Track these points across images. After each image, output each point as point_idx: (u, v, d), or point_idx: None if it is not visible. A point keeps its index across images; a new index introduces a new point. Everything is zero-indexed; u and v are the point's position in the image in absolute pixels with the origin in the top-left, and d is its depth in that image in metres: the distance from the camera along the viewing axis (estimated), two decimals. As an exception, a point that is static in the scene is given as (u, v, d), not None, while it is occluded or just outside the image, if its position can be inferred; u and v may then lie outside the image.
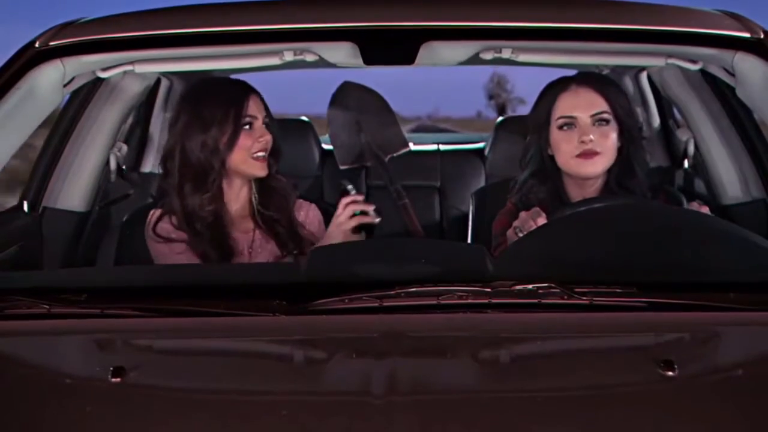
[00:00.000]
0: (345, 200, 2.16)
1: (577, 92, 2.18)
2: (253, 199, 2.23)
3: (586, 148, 2.13)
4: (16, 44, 2.01)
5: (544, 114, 2.22)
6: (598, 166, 2.16)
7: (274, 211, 2.22)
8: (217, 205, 2.17)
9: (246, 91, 2.18)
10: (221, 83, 2.31)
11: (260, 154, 2.15)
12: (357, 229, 2.15)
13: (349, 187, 2.20)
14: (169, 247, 2.16)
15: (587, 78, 2.24)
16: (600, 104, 2.16)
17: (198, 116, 2.14)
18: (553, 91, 2.22)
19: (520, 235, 2.00)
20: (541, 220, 2.00)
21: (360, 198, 2.18)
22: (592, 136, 2.13)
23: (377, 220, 2.17)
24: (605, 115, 2.15)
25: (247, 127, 2.14)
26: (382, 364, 1.36)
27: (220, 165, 2.14)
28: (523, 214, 2.06)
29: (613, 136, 2.16)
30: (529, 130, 2.30)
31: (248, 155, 2.14)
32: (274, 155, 2.22)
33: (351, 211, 2.15)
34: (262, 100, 2.19)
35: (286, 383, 1.34)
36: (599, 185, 2.21)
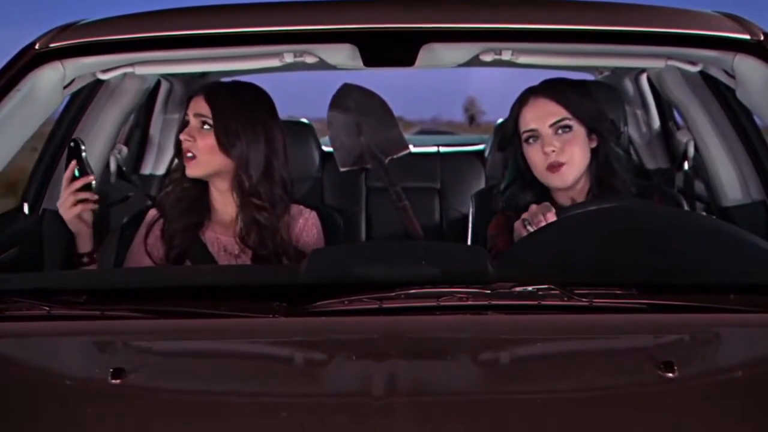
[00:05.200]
0: None
1: (536, 104, 2.20)
2: (238, 221, 2.19)
3: (551, 160, 2.15)
4: (15, 47, 2.02)
5: (512, 128, 2.24)
6: (567, 177, 2.17)
7: (254, 244, 2.16)
8: (191, 185, 2.20)
9: (196, 91, 2.22)
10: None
11: (187, 154, 2.15)
12: None
13: None
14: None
15: (545, 87, 2.23)
16: (558, 112, 2.17)
17: None
18: (517, 105, 2.24)
19: (529, 227, 2.00)
20: (551, 216, 2.00)
21: None
22: (553, 147, 2.14)
23: None
24: (565, 122, 2.16)
25: (185, 126, 2.17)
26: (382, 365, 1.36)
27: None
28: (533, 207, 2.06)
29: (580, 142, 2.17)
30: (504, 142, 2.32)
31: (183, 153, 2.16)
32: (269, 184, 2.17)
33: None
34: (211, 102, 2.15)
35: (285, 385, 1.33)
36: (584, 187, 2.22)
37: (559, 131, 2.16)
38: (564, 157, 2.14)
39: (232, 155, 2.13)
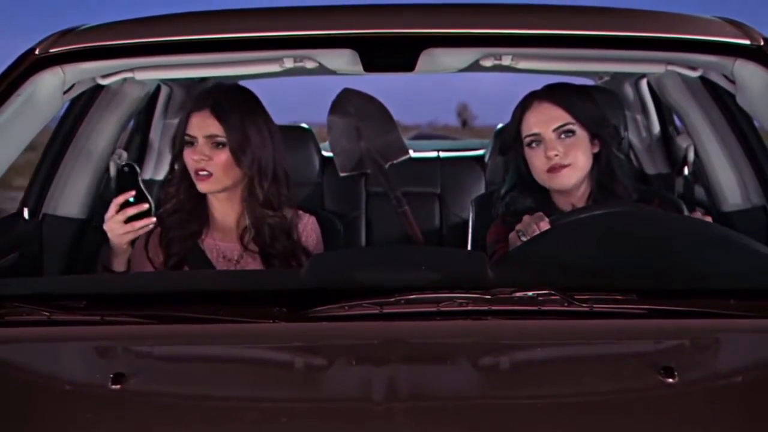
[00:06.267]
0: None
1: (539, 108, 2.20)
2: (247, 225, 2.19)
3: (553, 162, 2.15)
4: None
5: (514, 132, 2.25)
6: (569, 178, 2.17)
7: (265, 244, 2.16)
8: (187, 197, 2.20)
9: (195, 107, 2.17)
10: (200, 93, 2.34)
11: (201, 173, 2.12)
12: None
13: None
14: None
15: (548, 92, 2.23)
16: (561, 117, 2.17)
17: None
18: (519, 109, 2.24)
19: (523, 238, 2.00)
20: (544, 225, 2.00)
21: None
22: (557, 151, 2.15)
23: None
24: (569, 127, 2.16)
25: (190, 144, 2.14)
26: (382, 370, 1.36)
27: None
28: (526, 218, 2.06)
29: (583, 146, 2.17)
30: (506, 146, 2.32)
31: (191, 171, 2.14)
32: (276, 185, 2.17)
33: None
34: (219, 117, 2.12)
35: (286, 390, 1.33)
36: (585, 192, 2.22)
37: (563, 136, 2.16)
38: (568, 160, 2.15)
39: (245, 165, 2.13)
